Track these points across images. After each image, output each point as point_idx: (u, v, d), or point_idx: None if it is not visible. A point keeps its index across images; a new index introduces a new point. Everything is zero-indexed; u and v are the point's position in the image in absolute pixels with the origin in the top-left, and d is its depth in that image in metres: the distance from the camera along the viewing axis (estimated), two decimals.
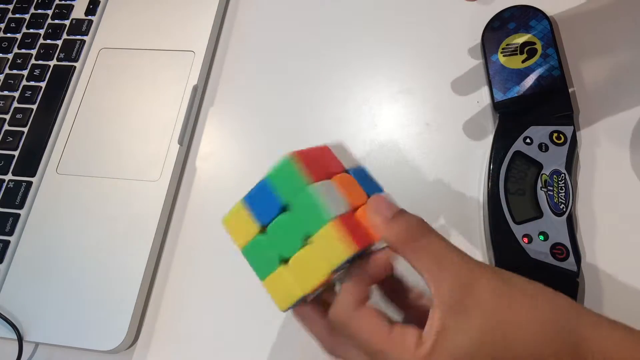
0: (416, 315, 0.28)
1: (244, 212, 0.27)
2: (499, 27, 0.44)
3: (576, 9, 0.45)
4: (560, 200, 0.37)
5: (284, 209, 0.26)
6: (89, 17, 0.51)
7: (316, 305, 0.28)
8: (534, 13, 0.43)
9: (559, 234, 0.36)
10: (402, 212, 0.26)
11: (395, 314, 0.29)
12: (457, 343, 0.23)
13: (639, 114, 0.41)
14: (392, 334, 0.24)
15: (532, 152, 0.38)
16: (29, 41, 0.51)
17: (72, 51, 0.50)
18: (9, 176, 0.45)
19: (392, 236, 0.25)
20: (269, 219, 0.26)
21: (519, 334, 0.23)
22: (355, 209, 0.27)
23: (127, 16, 0.51)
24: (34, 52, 0.50)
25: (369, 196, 0.28)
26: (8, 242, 0.42)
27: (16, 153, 0.46)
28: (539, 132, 0.39)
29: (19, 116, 0.47)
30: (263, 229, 0.27)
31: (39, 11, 0.52)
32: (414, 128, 0.44)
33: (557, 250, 0.35)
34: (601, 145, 0.40)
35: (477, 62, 0.45)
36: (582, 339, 0.23)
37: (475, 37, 0.45)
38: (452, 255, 0.25)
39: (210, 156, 0.46)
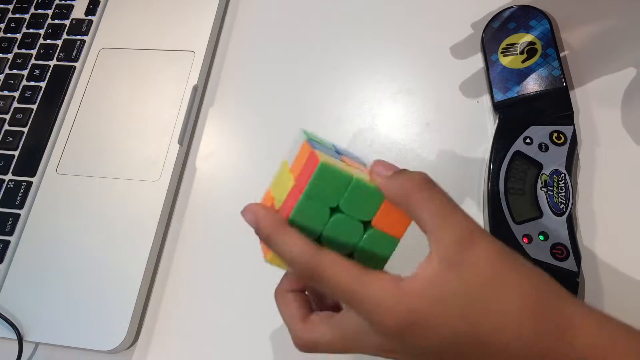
0: None
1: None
2: (499, 27, 0.44)
3: (576, 9, 0.45)
4: (560, 200, 0.37)
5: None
6: (89, 17, 0.51)
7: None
8: (534, 13, 0.43)
9: (559, 234, 0.36)
10: (404, 169, 0.26)
11: None
12: (443, 294, 0.22)
13: None
14: (367, 274, 0.24)
15: (532, 152, 0.38)
16: (29, 41, 0.51)
17: (72, 51, 0.50)
18: (9, 176, 0.45)
19: (395, 188, 0.25)
20: None
21: (503, 303, 0.22)
22: None
23: (127, 16, 0.51)
24: (34, 52, 0.50)
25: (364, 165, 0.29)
26: (8, 242, 0.42)
27: (16, 153, 0.46)
28: (539, 132, 0.39)
29: (19, 116, 0.47)
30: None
31: (39, 11, 0.52)
32: (414, 128, 0.44)
33: (557, 250, 0.35)
34: (601, 145, 0.40)
35: (477, 62, 0.45)
36: (569, 323, 0.23)
37: (475, 37, 0.45)
38: (456, 211, 0.24)
39: (210, 156, 0.46)
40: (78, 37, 0.50)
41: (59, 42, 0.50)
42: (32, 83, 0.49)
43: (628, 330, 0.23)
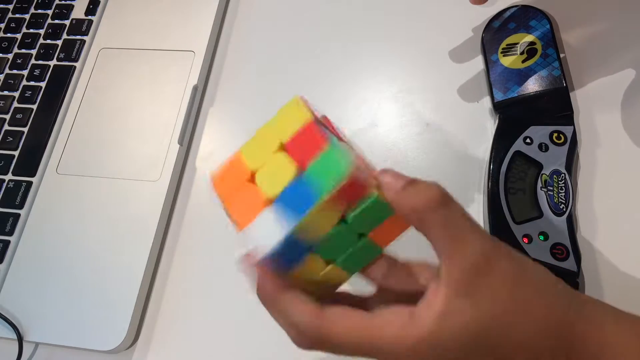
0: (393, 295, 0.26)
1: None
2: (499, 27, 0.44)
3: (576, 9, 0.45)
4: (560, 200, 0.37)
5: None
6: (89, 17, 0.51)
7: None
8: (534, 13, 0.43)
9: (559, 234, 0.36)
10: (416, 180, 0.23)
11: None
12: (462, 326, 0.22)
13: None
14: (375, 318, 0.23)
15: (532, 152, 0.38)
16: (29, 41, 0.51)
17: (72, 51, 0.50)
18: (9, 176, 0.45)
19: (408, 205, 0.23)
20: None
21: (523, 326, 0.22)
22: None
23: (127, 16, 0.51)
24: (34, 52, 0.50)
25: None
26: (8, 242, 0.42)
27: (16, 153, 0.46)
28: (539, 132, 0.39)
29: (19, 116, 0.47)
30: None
31: (39, 11, 0.52)
32: (414, 128, 0.44)
33: (557, 250, 0.35)
34: (601, 145, 0.40)
35: (477, 62, 0.45)
36: (581, 335, 0.23)
37: (476, 37, 0.45)
38: (472, 231, 0.23)
39: (210, 156, 0.46)
40: (78, 37, 0.50)
41: (59, 42, 0.50)
42: (32, 83, 0.49)
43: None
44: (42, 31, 0.51)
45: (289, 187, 0.23)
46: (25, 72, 0.49)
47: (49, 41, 0.51)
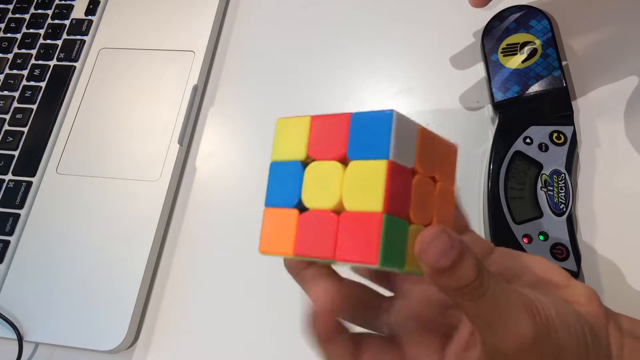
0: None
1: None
2: (499, 27, 0.44)
3: (576, 9, 0.45)
4: (560, 200, 0.37)
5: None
6: (89, 17, 0.51)
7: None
8: (534, 13, 0.43)
9: (559, 234, 0.36)
10: (459, 262, 0.20)
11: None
12: None
13: (639, 113, 0.41)
14: None
15: (532, 152, 0.38)
16: (29, 41, 0.51)
17: (72, 51, 0.50)
18: (9, 176, 0.45)
19: (449, 290, 0.21)
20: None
21: None
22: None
23: (127, 16, 0.51)
24: (34, 52, 0.50)
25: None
26: (8, 242, 0.42)
27: (16, 153, 0.46)
28: (539, 132, 0.39)
29: (19, 116, 0.47)
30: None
31: (39, 11, 0.52)
32: None
33: (557, 250, 0.35)
34: (601, 145, 0.40)
35: (477, 62, 0.45)
36: None
37: (475, 37, 0.45)
38: (507, 317, 0.21)
39: (210, 156, 0.46)
40: (78, 37, 0.50)
41: (59, 42, 0.50)
42: (32, 83, 0.49)
43: None
44: (42, 31, 0.51)
45: None
46: (25, 72, 0.49)
47: (49, 41, 0.51)
